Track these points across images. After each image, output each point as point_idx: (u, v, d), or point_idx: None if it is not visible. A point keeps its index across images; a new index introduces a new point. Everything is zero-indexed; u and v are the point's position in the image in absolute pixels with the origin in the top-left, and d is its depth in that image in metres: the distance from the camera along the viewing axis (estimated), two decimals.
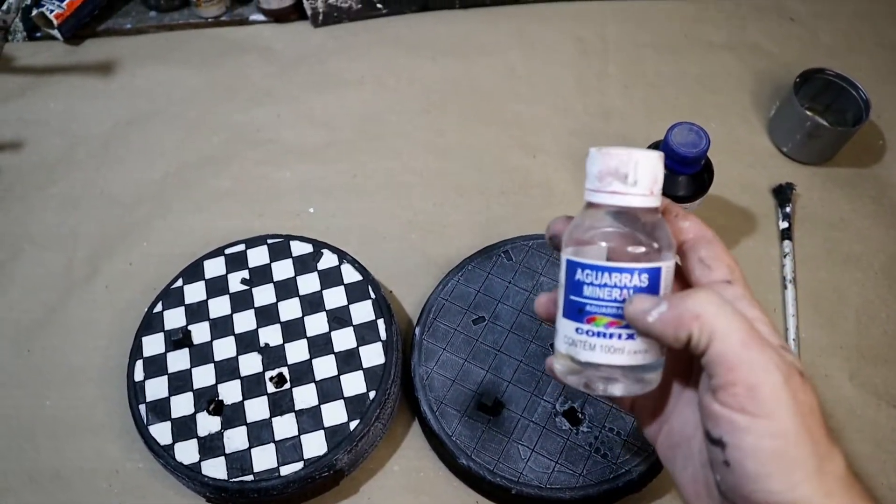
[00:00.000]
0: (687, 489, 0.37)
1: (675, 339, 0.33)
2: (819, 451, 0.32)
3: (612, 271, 0.35)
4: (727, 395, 0.32)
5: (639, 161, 0.34)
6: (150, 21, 0.88)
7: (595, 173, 0.35)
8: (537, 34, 0.86)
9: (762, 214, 0.71)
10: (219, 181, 0.76)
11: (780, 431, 0.31)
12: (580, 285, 0.35)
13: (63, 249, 0.72)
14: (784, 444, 0.31)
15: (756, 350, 0.32)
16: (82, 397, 0.64)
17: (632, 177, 0.35)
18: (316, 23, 0.87)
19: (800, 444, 0.31)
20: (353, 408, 0.57)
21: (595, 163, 0.35)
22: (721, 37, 0.85)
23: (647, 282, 0.35)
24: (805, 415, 0.32)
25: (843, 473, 0.32)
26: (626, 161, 0.34)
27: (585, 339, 0.35)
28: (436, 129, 0.78)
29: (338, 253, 0.65)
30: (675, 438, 0.39)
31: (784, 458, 0.31)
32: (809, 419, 0.32)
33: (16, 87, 0.83)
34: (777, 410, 0.31)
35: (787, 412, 0.31)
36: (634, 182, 0.35)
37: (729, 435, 0.32)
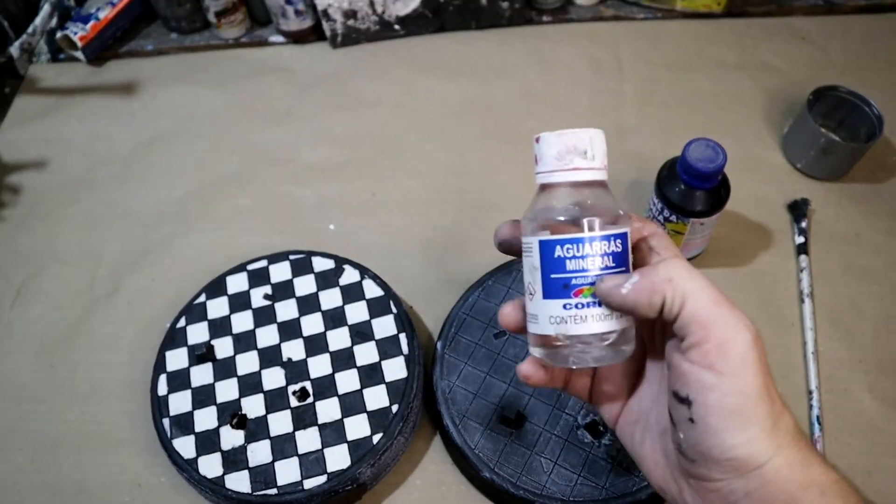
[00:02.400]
0: (647, 460, 0.40)
1: (650, 306, 0.35)
2: (775, 409, 0.34)
3: (592, 240, 0.37)
4: (698, 352, 0.34)
5: (593, 137, 0.37)
6: (171, 43, 0.90)
7: (553, 154, 0.37)
8: (552, 54, 0.87)
9: (778, 230, 0.72)
10: (239, 200, 0.77)
11: (743, 389, 0.33)
12: (562, 262, 0.37)
13: (86, 266, 0.73)
14: (745, 401, 0.33)
15: (727, 308, 0.34)
16: (105, 412, 0.64)
17: (590, 152, 0.37)
18: (335, 44, 0.88)
19: (759, 401, 0.33)
20: (375, 421, 0.57)
21: (552, 145, 0.37)
22: (733, 56, 0.86)
23: (620, 246, 0.37)
24: (765, 375, 0.34)
25: (792, 429, 0.35)
26: (583, 138, 0.37)
27: (576, 313, 0.37)
28: (454, 147, 0.79)
29: (359, 268, 0.65)
30: (633, 415, 0.42)
31: (744, 415, 0.33)
32: (768, 379, 0.34)
33: (40, 107, 0.85)
34: (743, 369, 0.33)
35: (752, 371, 0.33)
36: (593, 156, 0.37)
37: (696, 393, 0.34)
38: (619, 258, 0.37)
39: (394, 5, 0.84)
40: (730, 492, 0.34)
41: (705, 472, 0.35)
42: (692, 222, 0.63)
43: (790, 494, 0.33)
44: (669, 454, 0.38)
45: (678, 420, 0.35)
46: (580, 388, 0.44)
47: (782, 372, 0.63)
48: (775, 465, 0.33)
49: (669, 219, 0.64)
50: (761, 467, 0.34)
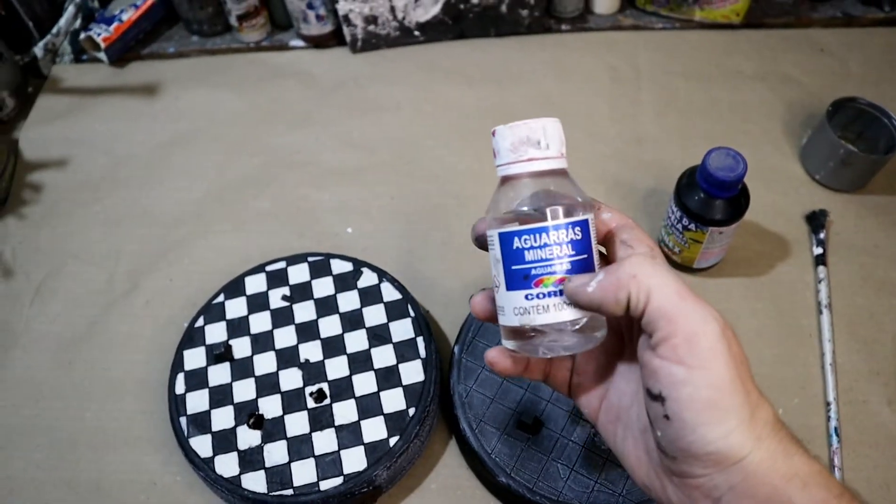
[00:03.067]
0: (629, 458, 0.40)
1: (616, 303, 0.35)
2: (751, 400, 0.34)
3: (549, 230, 0.37)
4: (667, 347, 0.34)
5: (546, 126, 0.37)
6: (192, 45, 0.90)
7: (507, 146, 0.38)
8: (571, 62, 0.87)
9: (796, 241, 0.71)
10: (258, 202, 0.77)
11: (715, 382, 0.33)
12: (520, 252, 0.37)
13: (105, 266, 0.73)
14: (719, 393, 0.33)
15: (692, 301, 0.34)
16: (122, 410, 0.64)
17: (543, 141, 0.37)
18: (354, 49, 0.89)
19: (734, 393, 0.33)
20: (392, 424, 0.57)
21: (505, 137, 0.38)
22: (751, 67, 0.86)
23: (580, 234, 0.37)
24: (738, 365, 0.33)
25: (771, 420, 0.34)
26: (535, 128, 0.37)
27: (538, 303, 0.37)
28: (472, 153, 0.79)
29: (377, 271, 0.66)
30: (614, 412, 0.41)
31: (718, 407, 0.33)
32: (742, 369, 0.34)
33: (63, 107, 0.86)
34: (712, 361, 0.33)
35: (722, 363, 0.33)
36: (547, 146, 0.37)
37: (668, 388, 0.34)
38: (580, 246, 0.37)
39: (414, 12, 0.85)
40: (713, 487, 0.34)
41: (687, 468, 0.34)
42: (711, 231, 0.63)
43: (773, 486, 0.33)
44: (651, 452, 0.38)
45: (654, 417, 0.35)
46: (559, 380, 0.44)
47: (800, 383, 0.63)
48: (756, 458, 0.33)
49: (688, 227, 0.64)
50: (742, 460, 0.33)
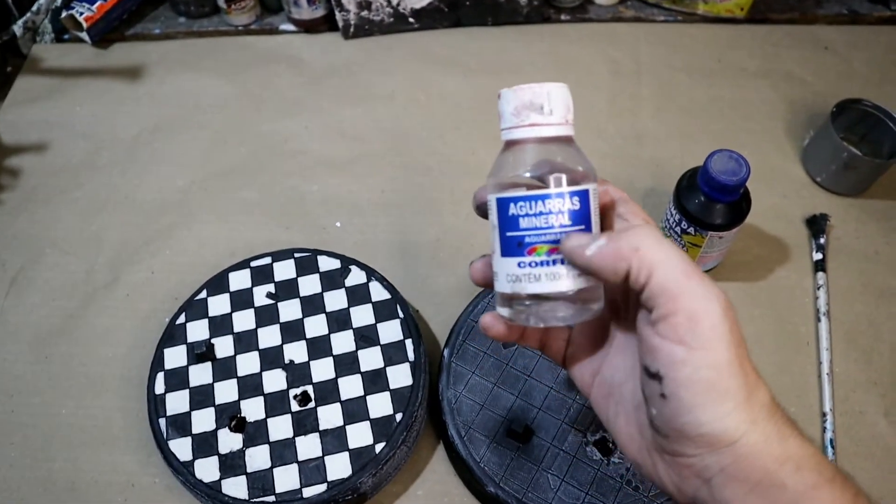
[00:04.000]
0: (621, 434, 0.39)
1: (614, 273, 0.33)
2: (748, 382, 0.33)
3: (545, 198, 0.35)
4: (668, 325, 0.33)
5: (551, 91, 0.36)
6: (179, 27, 0.87)
7: (511, 111, 0.36)
8: (570, 54, 0.85)
9: (796, 245, 0.70)
10: (244, 192, 0.75)
11: (715, 363, 0.32)
12: (515, 219, 0.36)
13: (85, 255, 0.71)
14: (718, 375, 0.32)
15: (697, 279, 0.33)
16: (100, 407, 0.62)
17: (547, 107, 0.36)
18: (347, 35, 0.86)
19: (732, 375, 0.32)
20: (378, 430, 0.56)
21: (509, 101, 0.36)
22: (755, 63, 0.84)
23: (578, 204, 0.36)
24: (738, 346, 0.33)
25: (767, 402, 0.34)
26: (540, 93, 0.36)
27: (529, 272, 0.36)
28: (466, 146, 0.77)
29: (366, 270, 0.64)
30: (607, 388, 0.40)
31: (717, 389, 0.32)
32: (740, 350, 0.33)
33: (42, 88, 0.83)
34: (714, 342, 0.32)
35: (724, 344, 0.32)
36: (550, 111, 0.36)
37: (666, 368, 0.33)
38: (578, 216, 0.36)
39: None
40: (704, 467, 0.33)
41: (679, 447, 0.34)
42: (710, 235, 0.62)
43: (765, 469, 0.32)
44: (644, 429, 0.37)
45: (650, 395, 0.34)
46: (555, 350, 0.43)
47: (796, 392, 0.62)
48: (750, 440, 0.32)
49: (687, 231, 0.62)
50: (736, 443, 0.32)
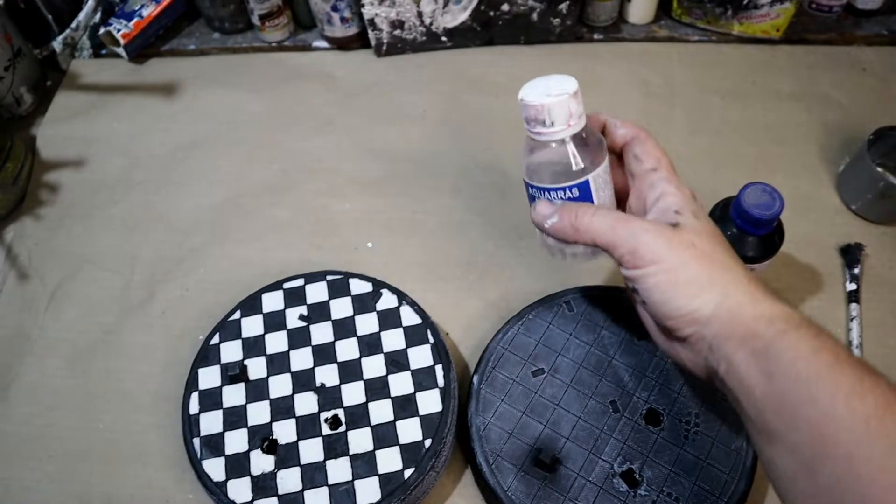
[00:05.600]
0: (649, 329, 0.52)
1: (565, 239, 0.49)
2: (714, 270, 0.44)
3: (551, 190, 0.49)
4: (622, 263, 0.46)
5: (551, 108, 0.45)
6: (213, 43, 0.89)
7: (524, 118, 0.47)
8: (602, 74, 0.85)
9: (828, 274, 0.69)
10: (277, 210, 0.76)
11: (667, 268, 0.44)
12: (532, 199, 0.51)
13: (121, 271, 0.72)
14: (674, 274, 0.44)
15: (623, 223, 0.46)
16: (135, 423, 0.64)
17: (548, 120, 0.46)
18: (379, 52, 0.87)
19: (687, 269, 0.44)
20: (408, 455, 0.56)
21: (523, 111, 0.47)
22: (789, 85, 0.83)
23: (578, 193, 0.49)
24: (685, 249, 0.45)
25: (741, 278, 0.44)
26: (541, 110, 0.45)
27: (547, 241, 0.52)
28: (498, 168, 0.77)
29: (397, 294, 0.64)
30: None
31: (678, 284, 0.44)
32: (690, 252, 0.45)
33: (81, 104, 0.84)
34: (660, 255, 0.45)
35: (667, 254, 0.44)
36: (552, 123, 0.46)
37: (636, 282, 0.46)
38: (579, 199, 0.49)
39: (442, 17, 0.83)
40: (701, 338, 0.45)
41: (678, 330, 0.46)
42: None
43: (745, 325, 0.42)
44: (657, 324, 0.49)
45: (638, 303, 0.49)
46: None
47: None
48: (726, 308, 0.43)
49: None
50: (713, 314, 0.43)
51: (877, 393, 0.37)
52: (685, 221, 0.46)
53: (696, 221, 0.46)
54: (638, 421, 0.58)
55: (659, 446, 0.57)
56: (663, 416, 0.58)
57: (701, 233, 0.46)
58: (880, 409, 0.37)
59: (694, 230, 0.46)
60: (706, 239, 0.46)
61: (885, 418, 0.36)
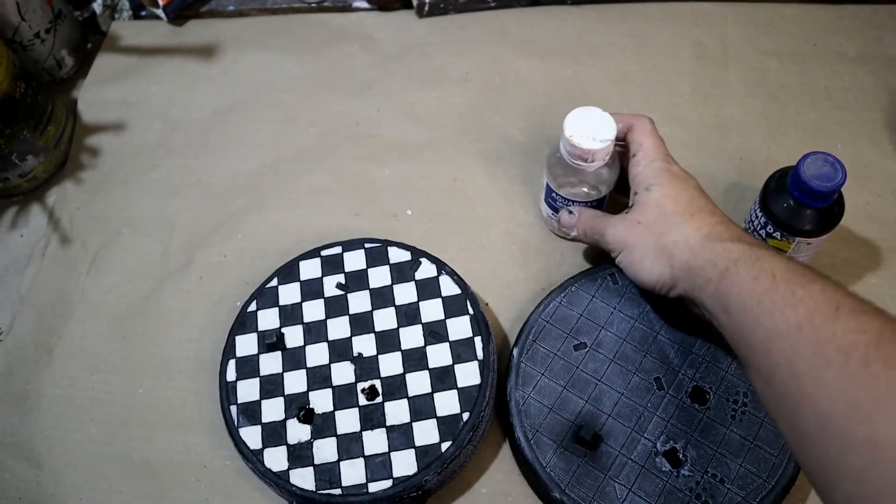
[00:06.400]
0: None
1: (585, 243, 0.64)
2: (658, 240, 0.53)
3: (577, 202, 0.62)
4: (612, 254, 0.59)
5: (596, 153, 0.56)
6: (252, 3, 0.87)
7: (567, 149, 0.57)
8: (652, 36, 0.81)
9: (889, 249, 0.66)
10: (315, 176, 0.74)
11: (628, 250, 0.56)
12: (555, 199, 0.63)
13: (160, 237, 0.72)
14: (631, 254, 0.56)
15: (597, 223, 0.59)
16: (174, 388, 0.64)
17: (590, 159, 0.57)
18: (421, 13, 0.84)
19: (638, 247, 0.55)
20: (445, 428, 0.55)
21: (566, 144, 0.57)
22: (854, 48, 0.78)
23: (596, 205, 0.62)
24: (633, 228, 0.55)
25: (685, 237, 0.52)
26: (587, 152, 0.56)
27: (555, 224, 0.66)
28: (542, 135, 0.75)
29: (437, 263, 0.63)
30: None
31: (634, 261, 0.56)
32: (637, 230, 0.55)
33: (121, 67, 0.84)
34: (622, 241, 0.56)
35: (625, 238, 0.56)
36: (592, 160, 0.57)
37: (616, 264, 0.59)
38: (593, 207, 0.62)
39: None
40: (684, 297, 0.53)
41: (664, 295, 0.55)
42: (798, 241, 0.58)
43: (699, 276, 0.50)
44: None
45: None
46: None
47: None
48: (678, 266, 0.52)
49: (773, 235, 0.59)
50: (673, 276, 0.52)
51: (807, 301, 0.42)
52: (638, 200, 0.56)
53: (647, 194, 0.55)
54: (683, 399, 0.56)
55: (704, 425, 0.55)
56: (710, 395, 0.56)
57: (646, 205, 0.55)
58: (810, 313, 0.41)
59: (640, 207, 0.55)
60: (650, 210, 0.54)
61: (814, 320, 0.40)
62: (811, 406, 0.39)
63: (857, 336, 0.38)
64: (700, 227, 0.51)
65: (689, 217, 0.53)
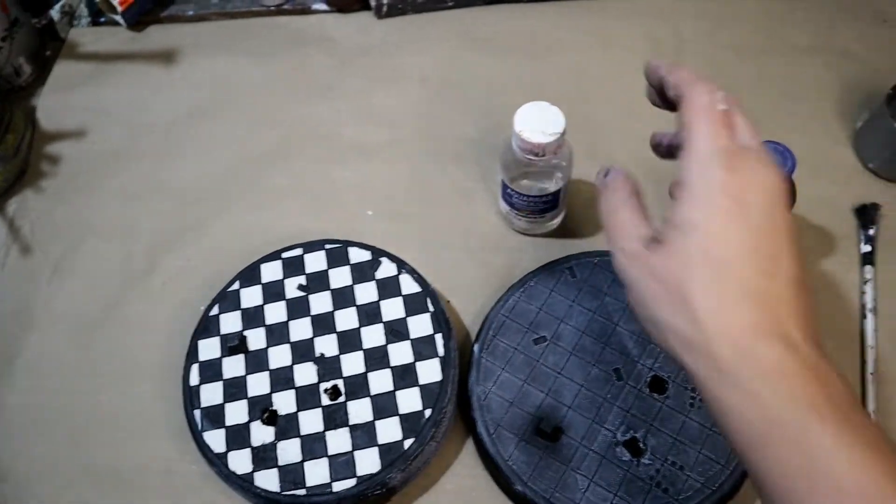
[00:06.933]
0: None
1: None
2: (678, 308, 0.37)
3: (531, 197, 0.62)
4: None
5: (546, 146, 0.57)
6: (212, 8, 0.87)
7: (518, 143, 0.58)
8: (609, 31, 0.82)
9: (842, 236, 0.67)
10: (277, 178, 0.74)
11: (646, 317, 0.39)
12: (511, 195, 0.63)
13: (122, 243, 0.72)
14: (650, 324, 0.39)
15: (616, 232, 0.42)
16: (138, 395, 0.64)
17: (541, 153, 0.57)
18: (380, 14, 0.84)
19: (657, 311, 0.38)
20: (408, 425, 0.56)
21: (517, 139, 0.57)
22: (807, 39, 0.80)
23: (551, 199, 0.63)
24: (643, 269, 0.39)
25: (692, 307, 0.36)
26: (537, 146, 0.57)
27: (513, 220, 0.67)
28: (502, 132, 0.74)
29: (397, 262, 0.63)
30: None
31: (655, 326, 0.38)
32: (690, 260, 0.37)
33: (80, 74, 0.83)
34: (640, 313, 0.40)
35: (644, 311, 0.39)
36: (543, 154, 0.58)
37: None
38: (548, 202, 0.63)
39: None
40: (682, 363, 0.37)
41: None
42: None
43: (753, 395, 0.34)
44: None
45: None
46: None
47: None
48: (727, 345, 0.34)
49: None
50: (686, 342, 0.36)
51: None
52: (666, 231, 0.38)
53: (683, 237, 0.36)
54: (642, 389, 0.57)
55: (663, 414, 0.56)
56: (668, 384, 0.57)
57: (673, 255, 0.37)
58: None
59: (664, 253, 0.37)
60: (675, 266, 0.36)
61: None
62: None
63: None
64: (731, 326, 0.34)
65: (719, 296, 0.35)
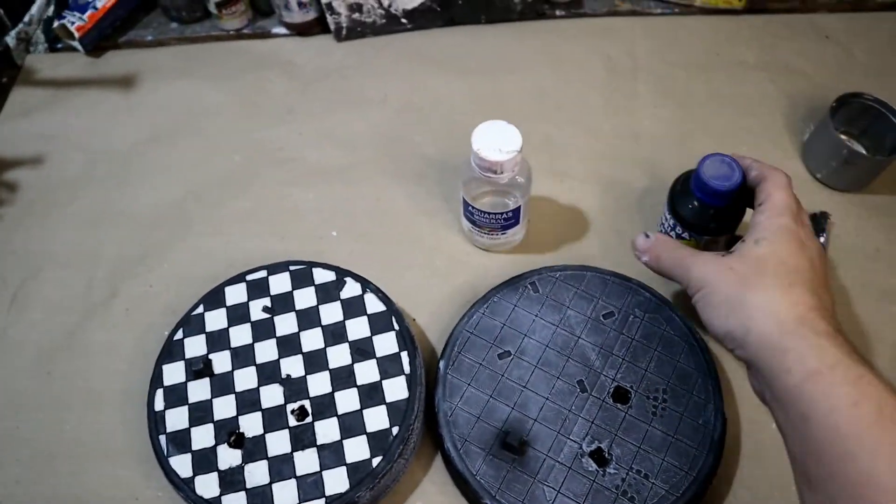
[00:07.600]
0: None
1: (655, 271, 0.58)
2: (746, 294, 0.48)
3: (493, 214, 0.63)
4: (688, 292, 0.54)
5: (504, 164, 0.58)
6: (171, 33, 0.87)
7: (476, 162, 0.59)
8: (565, 51, 0.84)
9: None
10: (240, 202, 0.75)
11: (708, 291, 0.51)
12: (472, 212, 0.64)
13: (83, 270, 0.71)
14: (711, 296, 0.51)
15: (681, 259, 0.54)
16: (101, 422, 0.63)
17: (499, 171, 0.59)
18: (339, 37, 0.85)
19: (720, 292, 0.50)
20: (375, 444, 0.56)
21: (475, 157, 0.59)
22: (753, 56, 0.83)
23: (511, 215, 0.64)
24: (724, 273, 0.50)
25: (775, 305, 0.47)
26: (495, 164, 0.58)
27: (476, 237, 0.68)
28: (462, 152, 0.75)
29: (361, 281, 0.64)
30: None
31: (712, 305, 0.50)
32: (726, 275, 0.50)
33: (37, 100, 0.83)
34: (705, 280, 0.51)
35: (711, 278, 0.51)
36: (501, 171, 0.59)
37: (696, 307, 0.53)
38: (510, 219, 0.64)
39: None
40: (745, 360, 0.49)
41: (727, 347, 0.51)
42: (706, 240, 0.61)
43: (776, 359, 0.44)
44: None
45: None
46: None
47: None
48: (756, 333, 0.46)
49: (682, 236, 0.62)
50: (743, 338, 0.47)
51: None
52: (742, 248, 0.50)
53: (755, 247, 0.49)
54: (606, 400, 0.58)
55: (627, 424, 0.57)
56: (631, 394, 0.58)
57: (748, 257, 0.49)
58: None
59: (740, 255, 0.50)
60: (750, 262, 0.49)
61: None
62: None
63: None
64: (795, 304, 0.46)
65: (787, 286, 0.47)
